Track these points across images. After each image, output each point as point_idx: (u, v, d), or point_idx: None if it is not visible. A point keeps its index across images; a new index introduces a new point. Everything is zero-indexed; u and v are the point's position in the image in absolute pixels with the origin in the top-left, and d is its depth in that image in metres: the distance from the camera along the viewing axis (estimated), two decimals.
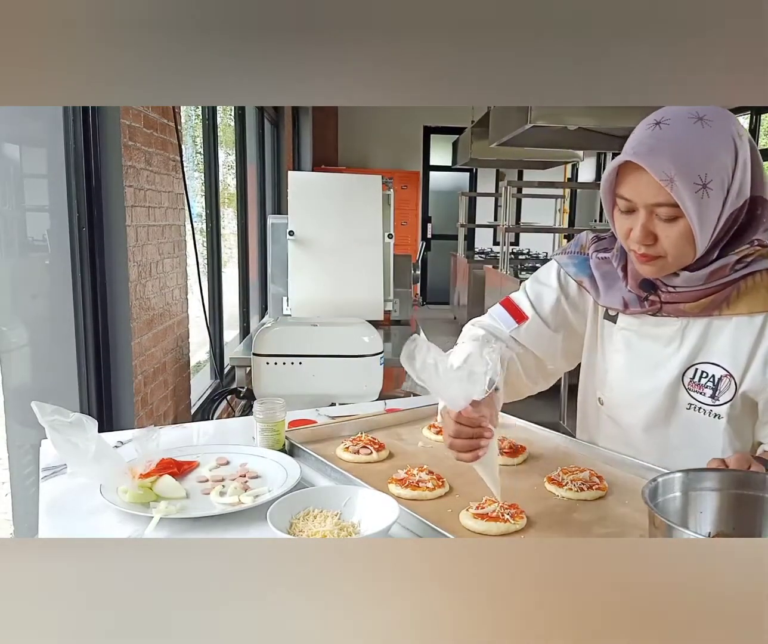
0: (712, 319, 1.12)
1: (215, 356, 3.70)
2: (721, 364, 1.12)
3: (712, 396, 1.13)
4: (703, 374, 1.13)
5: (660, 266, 1.09)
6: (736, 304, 1.09)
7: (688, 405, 1.16)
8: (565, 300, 1.29)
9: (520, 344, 1.30)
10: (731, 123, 1.03)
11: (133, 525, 1.04)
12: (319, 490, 1.11)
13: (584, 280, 1.24)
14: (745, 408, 1.14)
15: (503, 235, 5.64)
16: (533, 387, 1.35)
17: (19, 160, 2.25)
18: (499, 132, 4.45)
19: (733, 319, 1.10)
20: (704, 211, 1.01)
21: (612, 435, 1.29)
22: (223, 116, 4.39)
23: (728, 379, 1.11)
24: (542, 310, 1.30)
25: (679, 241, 1.04)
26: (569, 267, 1.27)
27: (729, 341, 1.11)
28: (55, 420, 1.06)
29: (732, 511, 0.92)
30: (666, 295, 1.13)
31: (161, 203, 2.68)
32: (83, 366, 2.22)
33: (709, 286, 1.09)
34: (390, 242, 3.01)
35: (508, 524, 1.00)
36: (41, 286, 2.29)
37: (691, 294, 1.11)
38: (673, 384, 1.16)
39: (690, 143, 1.00)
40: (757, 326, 1.09)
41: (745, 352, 1.10)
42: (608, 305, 1.21)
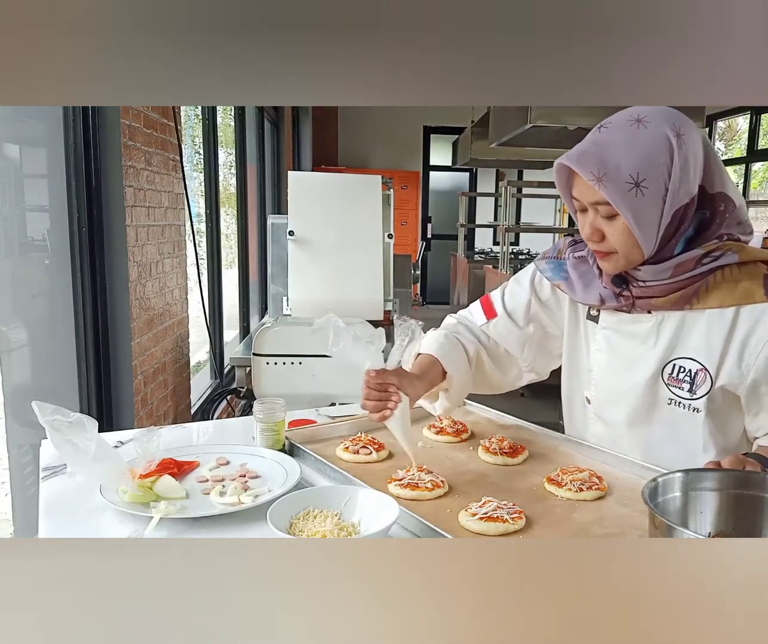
0: (685, 314, 1.15)
1: (215, 356, 3.70)
2: (696, 358, 1.15)
3: (690, 390, 1.16)
4: (680, 369, 1.16)
5: (613, 262, 1.13)
6: (706, 298, 1.12)
7: (669, 400, 1.18)
8: (537, 301, 1.36)
9: (490, 338, 1.40)
10: (669, 123, 1.06)
11: (133, 525, 1.04)
12: (319, 490, 1.11)
13: (561, 283, 1.29)
14: (726, 402, 1.16)
15: (503, 235, 5.64)
16: (505, 380, 1.43)
17: (19, 160, 2.25)
18: (499, 132, 4.45)
19: (706, 313, 1.13)
20: (641, 209, 1.05)
21: (599, 434, 1.32)
22: (223, 116, 4.39)
23: (704, 373, 1.14)
24: (512, 308, 1.38)
25: (622, 237, 1.09)
26: (546, 271, 1.33)
27: (702, 335, 1.14)
28: (55, 420, 1.06)
29: (732, 511, 0.92)
30: (637, 290, 1.16)
31: (161, 203, 2.68)
32: (83, 366, 2.22)
33: (677, 280, 1.12)
34: (390, 242, 3.01)
35: (508, 524, 1.00)
36: (41, 286, 2.29)
37: (660, 288, 1.14)
38: (652, 380, 1.19)
39: (622, 144, 1.05)
40: (728, 320, 1.11)
41: (718, 346, 1.12)
42: (586, 302, 1.26)
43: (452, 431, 1.40)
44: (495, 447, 1.29)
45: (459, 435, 1.40)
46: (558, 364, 1.42)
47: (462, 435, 1.40)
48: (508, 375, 1.42)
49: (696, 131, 1.08)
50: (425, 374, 1.27)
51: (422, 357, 1.31)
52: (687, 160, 1.06)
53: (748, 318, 1.10)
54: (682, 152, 1.05)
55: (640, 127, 1.06)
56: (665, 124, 1.06)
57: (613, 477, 1.19)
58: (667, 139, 1.05)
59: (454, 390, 1.33)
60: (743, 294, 1.10)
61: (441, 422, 1.43)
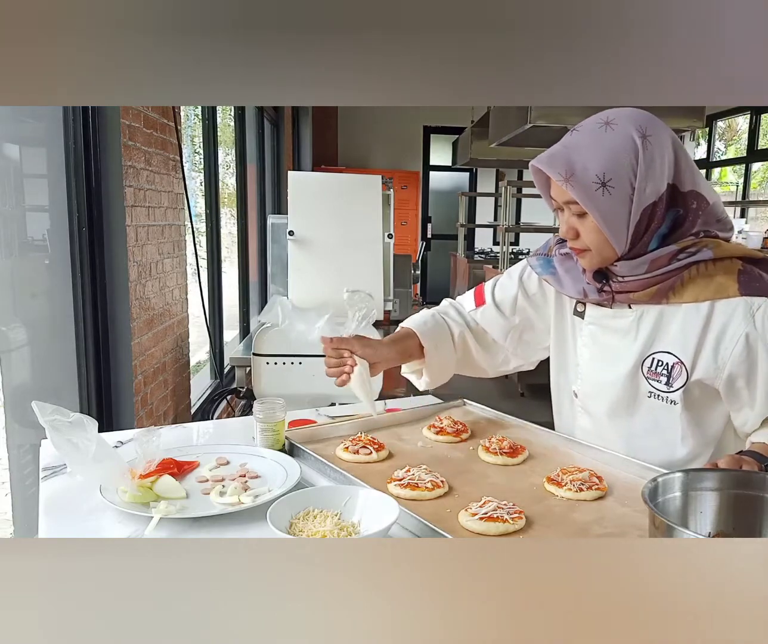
0: (663, 309, 1.19)
1: (215, 356, 3.70)
2: (672, 352, 1.18)
3: (667, 383, 1.19)
4: (659, 362, 1.20)
5: (588, 258, 1.19)
6: (682, 293, 1.15)
7: (649, 394, 1.22)
8: (524, 295, 1.42)
9: (478, 324, 1.48)
10: (635, 124, 1.10)
11: (133, 525, 1.04)
12: (319, 490, 1.11)
13: (549, 278, 1.35)
14: (703, 395, 1.19)
15: (503, 235, 5.65)
16: (491, 363, 1.51)
17: (19, 160, 2.25)
18: (499, 132, 4.45)
19: (683, 308, 1.16)
20: (608, 207, 1.10)
21: (585, 427, 1.36)
22: (223, 116, 4.39)
23: (680, 366, 1.17)
24: (500, 299, 1.45)
25: (593, 234, 1.14)
26: (537, 267, 1.38)
27: (679, 329, 1.17)
28: (55, 420, 1.06)
29: (732, 511, 0.92)
30: (616, 285, 1.20)
31: (161, 203, 2.68)
32: (83, 366, 2.22)
33: (653, 275, 1.15)
34: (390, 242, 3.00)
35: (507, 524, 1.00)
36: (41, 286, 2.29)
37: (637, 283, 1.17)
38: (632, 374, 1.22)
39: (589, 146, 1.10)
40: (704, 314, 1.14)
41: (693, 340, 1.16)
42: (570, 295, 1.31)
43: (452, 431, 1.40)
44: (495, 447, 1.29)
45: (459, 435, 1.40)
46: (543, 356, 1.48)
47: (462, 435, 1.40)
48: (494, 359, 1.50)
49: (664, 132, 1.12)
50: (396, 342, 1.40)
51: (401, 329, 1.45)
52: (653, 159, 1.10)
53: (722, 312, 1.13)
54: (647, 152, 1.09)
55: (607, 130, 1.10)
56: (631, 126, 1.10)
57: (613, 477, 1.19)
58: (633, 140, 1.09)
59: (433, 365, 1.43)
60: (718, 288, 1.13)
61: (441, 422, 1.43)
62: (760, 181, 8.64)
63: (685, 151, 1.15)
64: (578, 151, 1.11)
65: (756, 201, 7.89)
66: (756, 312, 1.11)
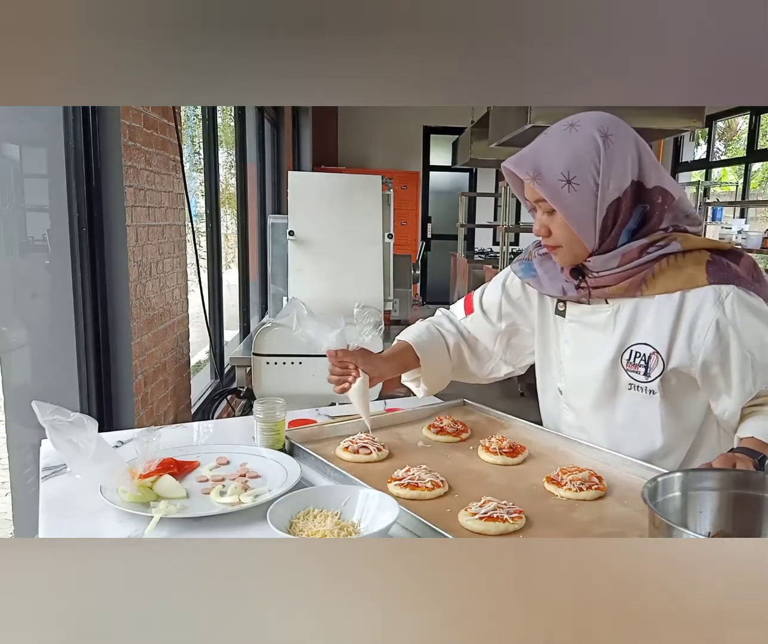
0: (638, 302, 1.22)
1: (215, 356, 3.70)
2: (648, 343, 1.22)
3: (645, 373, 1.22)
4: (636, 354, 1.23)
5: (561, 255, 1.24)
6: (654, 285, 1.19)
7: (629, 386, 1.25)
8: (508, 300, 1.47)
9: (470, 333, 1.54)
10: (597, 125, 1.16)
11: (133, 525, 1.04)
12: (319, 490, 1.11)
13: (530, 281, 1.40)
14: (680, 384, 1.22)
15: (503, 235, 5.64)
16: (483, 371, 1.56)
17: (19, 160, 2.25)
18: (499, 132, 4.44)
19: (656, 299, 1.20)
20: (574, 203, 1.15)
21: (570, 422, 1.39)
22: (223, 116, 4.39)
23: (656, 356, 1.21)
24: (486, 306, 1.50)
25: (562, 231, 1.19)
26: (519, 271, 1.43)
27: (652, 321, 1.21)
28: (55, 420, 1.06)
29: (732, 511, 0.92)
30: (592, 280, 1.24)
31: (161, 203, 2.68)
32: (83, 366, 2.22)
33: (625, 269, 1.20)
34: (390, 242, 3.01)
35: (507, 524, 1.00)
36: (41, 286, 2.29)
37: (610, 277, 1.22)
38: (612, 367, 1.26)
39: (554, 147, 1.17)
40: (675, 304, 1.18)
41: (666, 330, 1.19)
42: (550, 294, 1.36)
43: (452, 431, 1.40)
44: (495, 447, 1.29)
45: (459, 435, 1.40)
46: (532, 361, 1.52)
47: (462, 435, 1.40)
48: (486, 366, 1.55)
49: (626, 132, 1.18)
50: (394, 356, 1.47)
51: (398, 343, 1.51)
52: (614, 158, 1.15)
53: (693, 302, 1.17)
54: (609, 151, 1.14)
55: (572, 131, 1.17)
56: (593, 127, 1.16)
57: (613, 477, 1.19)
58: (594, 139, 1.15)
59: (429, 375, 1.50)
60: (688, 279, 1.17)
61: (441, 422, 1.43)
62: (760, 181, 8.64)
63: (649, 150, 1.20)
64: (544, 151, 1.17)
65: (756, 201, 7.89)
66: (725, 299, 1.14)
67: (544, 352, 1.44)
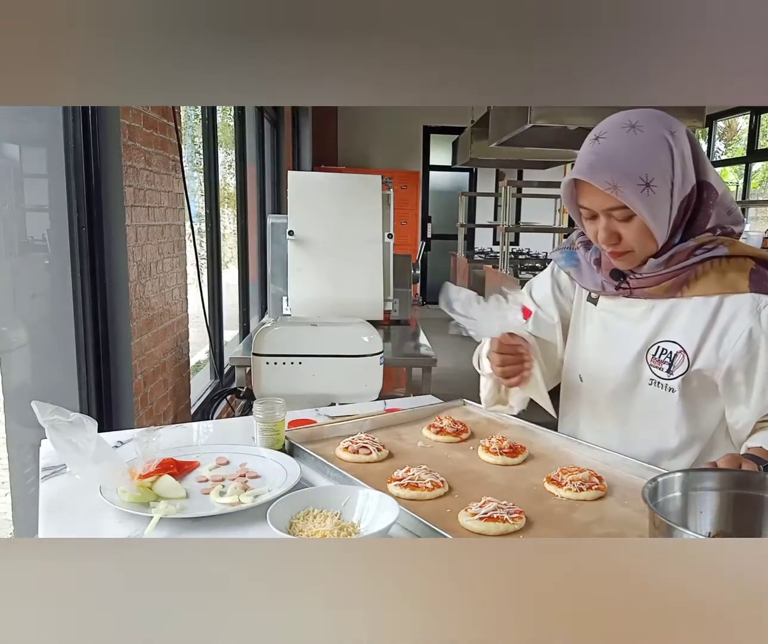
0: (675, 301, 1.22)
1: (215, 356, 3.70)
2: (677, 341, 1.21)
3: (668, 370, 1.22)
4: (662, 351, 1.23)
5: (630, 259, 1.21)
6: (695, 287, 1.19)
7: (650, 381, 1.25)
8: (558, 290, 1.43)
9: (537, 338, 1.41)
10: (662, 124, 1.13)
11: (133, 525, 1.04)
12: (319, 490, 1.11)
13: (571, 270, 1.38)
14: (700, 386, 1.22)
15: (503, 235, 5.64)
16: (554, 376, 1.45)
17: (19, 160, 2.25)
18: (499, 132, 4.44)
19: (693, 300, 1.20)
20: (654, 206, 1.12)
21: (587, 410, 1.38)
22: (223, 116, 4.39)
23: (682, 355, 1.20)
24: (541, 301, 1.45)
25: (638, 235, 1.15)
26: (560, 259, 1.41)
27: (686, 320, 1.20)
28: (55, 420, 1.06)
29: (732, 511, 0.92)
30: (634, 281, 1.24)
31: (161, 203, 2.68)
32: (83, 366, 2.22)
33: (670, 270, 1.19)
34: (390, 242, 3.00)
35: (507, 524, 1.00)
36: (41, 286, 2.29)
37: (654, 278, 1.21)
38: (637, 360, 1.26)
39: (626, 151, 1.12)
40: (712, 307, 1.18)
41: (698, 331, 1.19)
42: (588, 288, 1.34)
43: (452, 431, 1.40)
44: (495, 447, 1.29)
45: (459, 435, 1.40)
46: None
47: (462, 435, 1.40)
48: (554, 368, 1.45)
49: (682, 127, 1.16)
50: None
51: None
52: (683, 154, 1.14)
53: (730, 307, 1.16)
54: (678, 148, 1.13)
55: (636, 132, 1.12)
56: (659, 125, 1.13)
57: (613, 477, 1.19)
58: (665, 138, 1.12)
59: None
60: (729, 284, 1.16)
61: (441, 422, 1.43)
62: (760, 180, 8.64)
63: (698, 142, 1.18)
64: (616, 157, 1.11)
65: (756, 201, 7.89)
66: (762, 309, 1.14)
67: (572, 337, 1.42)
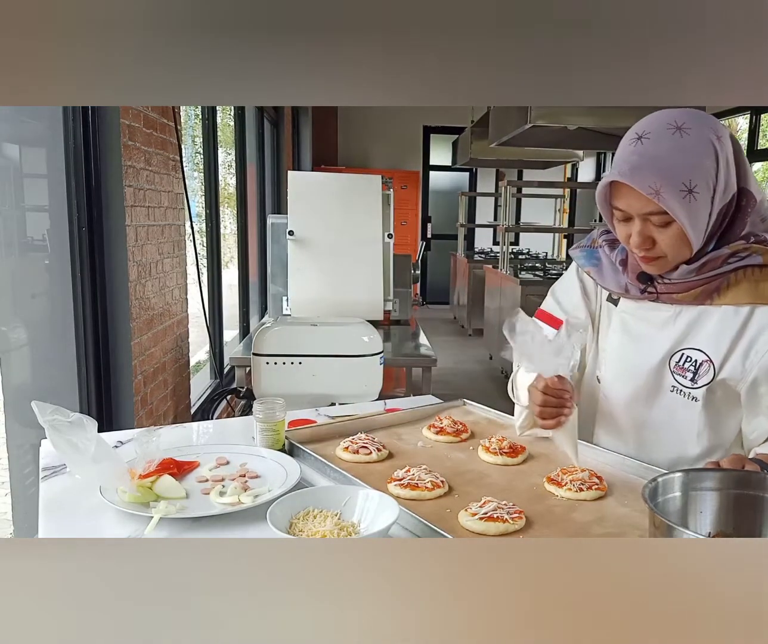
0: (704, 308, 1.18)
1: (215, 356, 3.70)
2: (703, 349, 1.17)
3: (692, 379, 1.18)
4: (687, 358, 1.19)
5: (661, 265, 1.16)
6: (725, 295, 1.15)
7: (672, 388, 1.21)
8: (585, 294, 1.36)
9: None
10: (708, 127, 1.08)
11: (133, 525, 1.04)
12: (319, 490, 1.11)
13: (591, 270, 1.32)
14: (724, 396, 1.18)
15: (503, 235, 5.65)
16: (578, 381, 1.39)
17: (19, 160, 2.25)
18: (499, 132, 4.45)
19: (722, 309, 1.16)
20: (694, 213, 1.07)
21: (604, 412, 1.34)
22: (223, 116, 4.39)
23: (708, 364, 1.17)
24: (571, 306, 1.37)
25: (674, 242, 1.11)
26: (580, 258, 1.35)
27: (714, 329, 1.17)
28: (55, 420, 1.06)
29: (732, 511, 0.92)
30: (662, 286, 1.19)
31: (161, 203, 2.68)
32: (83, 366, 2.22)
33: (701, 277, 1.15)
34: (390, 242, 3.00)
35: (507, 524, 1.00)
36: (41, 286, 2.29)
37: (684, 284, 1.17)
38: (659, 366, 1.22)
39: (671, 155, 1.06)
40: (742, 317, 1.14)
41: (726, 341, 1.15)
42: (611, 289, 1.29)
43: (452, 431, 1.40)
44: (495, 447, 1.29)
45: (459, 435, 1.40)
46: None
47: (462, 435, 1.40)
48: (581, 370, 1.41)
49: (727, 131, 1.11)
50: None
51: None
52: (727, 160, 1.09)
53: (761, 317, 1.13)
54: (723, 154, 1.08)
55: (683, 135, 1.07)
56: (706, 129, 1.08)
57: (613, 477, 1.19)
58: (711, 143, 1.07)
59: None
60: (761, 294, 1.12)
61: (441, 422, 1.43)
62: (760, 180, 8.64)
63: (741, 147, 1.14)
64: (662, 160, 1.06)
65: None
66: None
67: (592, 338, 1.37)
